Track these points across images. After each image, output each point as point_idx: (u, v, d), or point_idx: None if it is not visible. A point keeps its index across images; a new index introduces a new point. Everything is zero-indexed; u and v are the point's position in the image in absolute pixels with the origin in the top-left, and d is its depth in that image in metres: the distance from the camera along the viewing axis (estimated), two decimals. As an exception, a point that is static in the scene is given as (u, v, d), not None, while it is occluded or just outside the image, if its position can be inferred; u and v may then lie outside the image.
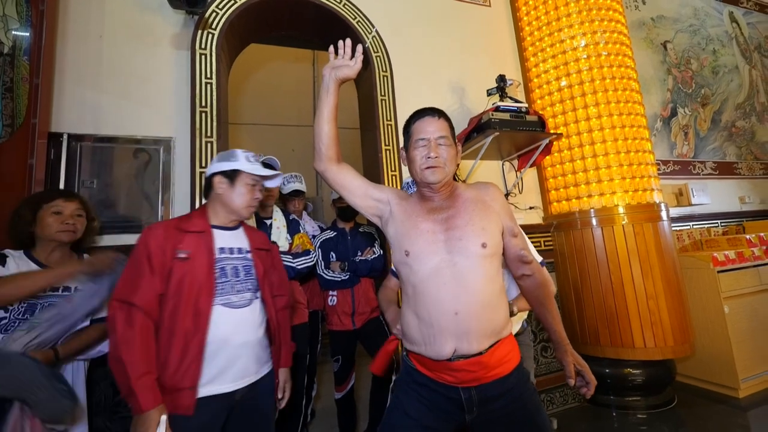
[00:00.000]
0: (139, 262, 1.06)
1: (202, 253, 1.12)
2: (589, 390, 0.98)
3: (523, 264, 1.06)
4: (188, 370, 1.02)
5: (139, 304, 1.01)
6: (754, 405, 2.20)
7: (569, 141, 2.45)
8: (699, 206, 3.25)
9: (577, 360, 1.00)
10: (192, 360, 1.03)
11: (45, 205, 1.23)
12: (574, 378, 0.98)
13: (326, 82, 1.01)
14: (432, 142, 1.00)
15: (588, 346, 2.29)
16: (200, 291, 1.07)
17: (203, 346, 1.05)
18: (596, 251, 2.28)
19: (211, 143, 1.84)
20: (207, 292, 1.08)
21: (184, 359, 1.03)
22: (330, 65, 1.02)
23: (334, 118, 1.02)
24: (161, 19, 1.93)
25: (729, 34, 4.00)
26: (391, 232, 1.05)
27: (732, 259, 2.47)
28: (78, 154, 1.69)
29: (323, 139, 1.02)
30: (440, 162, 1.00)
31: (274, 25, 2.41)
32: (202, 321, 1.06)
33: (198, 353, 1.04)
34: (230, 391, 1.07)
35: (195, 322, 1.05)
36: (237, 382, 1.09)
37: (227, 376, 1.08)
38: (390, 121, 2.28)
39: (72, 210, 1.27)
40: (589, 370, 0.98)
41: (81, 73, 1.75)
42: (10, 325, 1.12)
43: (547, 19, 2.57)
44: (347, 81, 1.04)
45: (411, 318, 0.99)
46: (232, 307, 1.12)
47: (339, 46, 1.01)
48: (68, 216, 1.26)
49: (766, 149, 3.91)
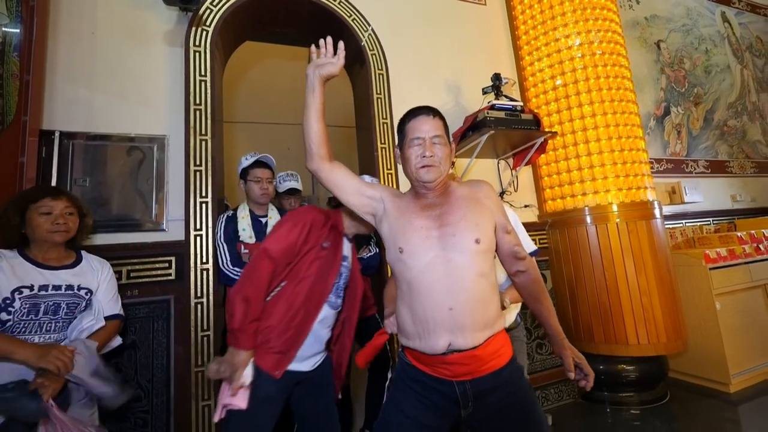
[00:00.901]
0: (295, 229, 1.19)
1: (335, 251, 1.26)
2: (588, 382, 1.00)
3: (516, 260, 1.07)
4: (294, 343, 1.18)
5: (278, 262, 1.16)
6: (745, 400, 2.23)
7: (564, 139, 2.46)
8: (691, 204, 3.29)
9: (575, 353, 1.02)
10: (298, 336, 1.19)
11: (32, 206, 1.20)
12: (574, 371, 1.00)
13: (311, 81, 1.03)
14: (427, 141, 1.01)
15: (582, 343, 2.31)
16: (325, 282, 1.22)
17: (310, 329, 1.21)
18: (590, 249, 2.30)
19: (206, 141, 1.83)
20: (328, 285, 1.23)
21: (293, 332, 1.18)
22: (313, 64, 1.03)
23: (322, 117, 1.04)
24: (154, 15, 1.91)
25: (721, 34, 4.04)
26: (385, 230, 1.05)
27: (723, 257, 2.50)
28: (70, 152, 1.67)
29: (313, 139, 1.03)
30: (435, 161, 1.00)
31: (269, 23, 2.40)
32: (314, 307, 1.21)
33: (305, 332, 1.20)
34: (305, 370, 1.24)
35: (313, 305, 1.20)
36: (310, 364, 1.26)
37: (308, 361, 1.25)
38: (386, 119, 2.28)
39: (62, 208, 1.24)
40: (586, 363, 1.01)
41: (73, 69, 1.73)
42: (15, 326, 1.12)
43: (542, 18, 2.58)
44: (332, 78, 1.04)
45: (406, 313, 1.00)
46: (329, 306, 1.26)
47: (321, 45, 1.03)
48: (59, 215, 1.22)
49: (756, 148, 3.96)
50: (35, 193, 1.24)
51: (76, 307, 1.24)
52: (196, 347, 1.67)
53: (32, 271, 1.18)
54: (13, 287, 1.12)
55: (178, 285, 1.72)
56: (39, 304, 1.16)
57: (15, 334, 1.11)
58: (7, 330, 1.11)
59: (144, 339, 1.66)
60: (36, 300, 1.15)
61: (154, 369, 1.65)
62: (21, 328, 1.13)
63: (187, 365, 1.65)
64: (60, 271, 1.23)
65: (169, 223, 1.77)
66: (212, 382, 1.65)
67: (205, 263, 1.73)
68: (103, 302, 1.31)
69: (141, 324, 1.66)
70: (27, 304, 1.14)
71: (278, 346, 1.16)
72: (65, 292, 1.21)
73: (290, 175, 2.18)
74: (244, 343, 1.10)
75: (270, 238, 1.19)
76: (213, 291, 1.72)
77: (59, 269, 1.23)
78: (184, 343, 1.67)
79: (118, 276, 1.63)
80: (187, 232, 1.74)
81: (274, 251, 1.16)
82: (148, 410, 1.62)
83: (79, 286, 1.25)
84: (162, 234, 1.76)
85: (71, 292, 1.23)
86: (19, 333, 1.12)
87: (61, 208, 1.24)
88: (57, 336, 1.19)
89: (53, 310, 1.18)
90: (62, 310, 1.20)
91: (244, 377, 1.10)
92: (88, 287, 1.28)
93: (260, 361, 1.14)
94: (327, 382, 1.33)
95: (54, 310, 1.19)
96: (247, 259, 1.70)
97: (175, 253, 1.74)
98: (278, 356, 1.16)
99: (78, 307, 1.24)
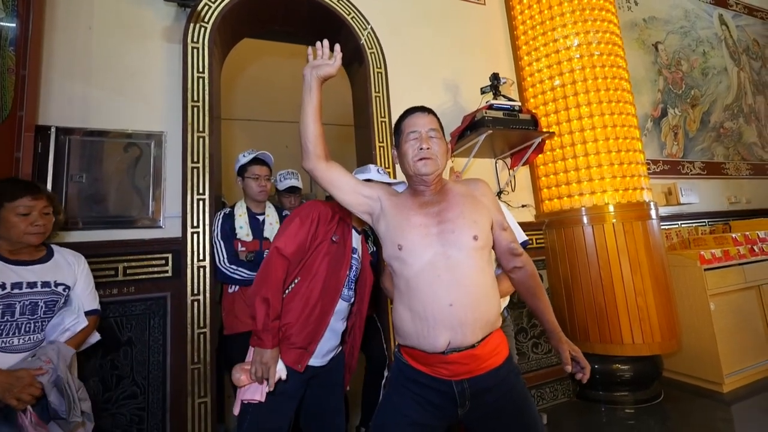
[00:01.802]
0: (304, 225, 1.20)
1: (345, 244, 1.26)
2: (585, 374, 1.02)
3: (514, 257, 1.08)
4: (314, 337, 1.21)
5: (291, 260, 1.18)
6: (738, 399, 2.26)
7: (561, 140, 2.47)
8: (687, 205, 3.31)
9: (572, 347, 1.03)
10: (317, 330, 1.21)
11: (8, 204, 1.11)
12: (571, 364, 1.02)
13: (308, 82, 1.04)
14: (423, 135, 1.03)
15: (577, 342, 2.32)
16: (338, 276, 1.23)
17: (328, 323, 1.23)
18: (587, 249, 2.31)
19: (203, 138, 1.82)
20: (341, 278, 1.24)
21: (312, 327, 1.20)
22: (310, 65, 1.04)
23: (318, 117, 1.05)
24: (152, 11, 1.89)
25: (718, 36, 4.06)
26: (382, 228, 1.05)
27: (718, 258, 2.52)
28: (66, 147, 1.65)
29: (310, 138, 1.04)
30: (432, 153, 1.01)
31: (268, 20, 2.39)
32: (330, 301, 1.22)
33: (323, 326, 1.22)
34: (321, 365, 1.27)
35: (328, 299, 1.22)
36: (325, 359, 1.28)
37: (326, 356, 1.28)
38: (384, 118, 2.28)
39: (40, 209, 1.16)
40: (582, 356, 1.03)
41: (70, 65, 1.72)
42: None
43: (540, 19, 2.59)
44: (329, 79, 1.05)
45: (404, 312, 1.00)
46: (342, 299, 1.26)
47: (317, 47, 1.04)
48: (37, 216, 1.15)
49: (752, 150, 3.99)
50: (12, 192, 1.13)
51: (54, 304, 1.18)
52: (193, 344, 1.66)
53: (3, 269, 1.11)
54: None
55: (174, 282, 1.71)
56: (14, 305, 1.09)
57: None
58: None
59: (140, 336, 1.65)
60: (10, 300, 1.09)
61: (150, 366, 1.65)
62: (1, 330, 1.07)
63: (183, 362, 1.65)
64: (33, 266, 1.16)
65: (166, 220, 1.77)
66: (208, 380, 1.65)
67: (202, 260, 1.73)
68: (82, 297, 1.26)
69: (137, 321, 1.65)
70: (1, 305, 1.07)
71: (299, 342, 1.19)
72: (42, 289, 1.15)
73: (290, 173, 2.18)
74: (269, 342, 1.12)
75: (280, 237, 1.20)
76: (210, 288, 1.72)
77: (31, 264, 1.17)
78: (181, 341, 1.66)
79: (114, 273, 1.63)
80: (184, 229, 1.73)
81: (286, 249, 1.17)
82: (143, 407, 1.62)
83: (56, 282, 1.19)
84: (159, 231, 1.75)
85: (48, 289, 1.17)
86: None
87: (40, 208, 1.17)
88: (38, 336, 1.14)
89: (30, 310, 1.12)
90: (40, 309, 1.14)
91: (279, 371, 1.13)
92: (64, 283, 1.22)
93: (282, 356, 1.17)
94: (338, 380, 1.35)
95: (31, 309, 1.12)
96: (244, 257, 1.70)
97: (171, 250, 1.73)
98: (299, 351, 1.19)
99: (56, 304, 1.19)
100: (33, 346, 1.13)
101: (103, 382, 1.57)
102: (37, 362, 1.07)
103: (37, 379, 1.04)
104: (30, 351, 1.12)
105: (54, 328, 1.17)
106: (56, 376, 1.07)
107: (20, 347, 1.11)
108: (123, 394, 1.60)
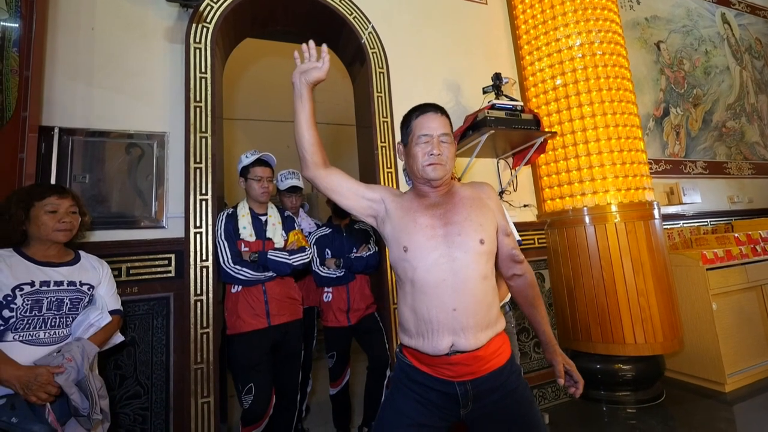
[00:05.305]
0: None
1: None
2: (578, 389, 1.00)
3: (515, 263, 1.07)
4: None
5: None
6: (740, 399, 2.25)
7: (563, 140, 2.47)
8: (689, 205, 3.30)
9: (566, 360, 1.02)
10: None
11: (37, 203, 1.20)
12: (564, 378, 1.00)
13: (298, 89, 0.99)
14: (435, 139, 1.00)
15: (579, 342, 2.33)
16: None
17: None
18: (589, 249, 2.31)
19: (206, 138, 1.83)
20: None
21: None
22: (298, 70, 1.00)
23: (313, 124, 1.01)
24: (155, 12, 1.90)
25: (721, 36, 4.05)
26: (387, 230, 1.04)
27: (720, 257, 2.52)
28: (69, 148, 1.66)
29: (306, 147, 1.01)
30: (443, 159, 1.00)
31: (270, 20, 2.39)
32: None
33: None
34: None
35: None
36: None
37: None
38: (386, 117, 2.28)
39: (66, 207, 1.25)
40: (576, 370, 1.01)
41: (73, 65, 1.72)
42: (19, 323, 1.13)
43: (542, 18, 2.58)
44: (319, 83, 1.01)
45: (408, 314, 1.00)
46: None
47: (303, 49, 1.00)
48: (63, 214, 1.23)
49: (754, 149, 3.98)
50: (41, 191, 1.23)
51: (79, 302, 1.24)
52: (196, 344, 1.67)
53: (32, 269, 1.18)
54: (14, 284, 1.13)
55: (177, 282, 1.72)
56: (41, 300, 1.16)
57: (19, 331, 1.12)
58: (11, 327, 1.12)
59: (143, 336, 1.66)
60: (38, 296, 1.16)
61: (153, 366, 1.65)
62: (25, 325, 1.13)
63: (186, 362, 1.65)
64: (60, 268, 1.24)
65: (169, 220, 1.77)
66: (211, 380, 1.66)
67: (205, 261, 1.73)
68: (106, 298, 1.32)
69: (140, 321, 1.66)
70: (29, 300, 1.14)
71: None
72: (67, 287, 1.22)
73: (291, 173, 2.18)
74: None
75: None
76: (213, 288, 1.72)
77: (59, 266, 1.24)
78: (184, 341, 1.67)
79: (117, 273, 1.63)
80: (187, 229, 1.73)
81: None
82: (147, 407, 1.62)
83: (81, 281, 1.26)
84: (162, 231, 1.76)
85: (74, 287, 1.23)
86: (23, 329, 1.13)
87: (66, 206, 1.25)
88: (62, 331, 1.20)
89: (56, 306, 1.19)
90: (66, 306, 1.21)
91: None
92: (89, 283, 1.28)
93: None
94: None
95: (57, 305, 1.19)
96: (248, 257, 1.71)
97: (174, 250, 1.74)
98: None
99: (81, 302, 1.25)
100: (58, 340, 1.18)
101: (107, 381, 1.56)
102: (60, 359, 1.11)
103: (54, 377, 1.07)
104: (56, 345, 1.17)
105: (79, 324, 1.22)
106: (79, 375, 1.11)
107: (45, 341, 1.16)
108: (126, 393, 1.60)
